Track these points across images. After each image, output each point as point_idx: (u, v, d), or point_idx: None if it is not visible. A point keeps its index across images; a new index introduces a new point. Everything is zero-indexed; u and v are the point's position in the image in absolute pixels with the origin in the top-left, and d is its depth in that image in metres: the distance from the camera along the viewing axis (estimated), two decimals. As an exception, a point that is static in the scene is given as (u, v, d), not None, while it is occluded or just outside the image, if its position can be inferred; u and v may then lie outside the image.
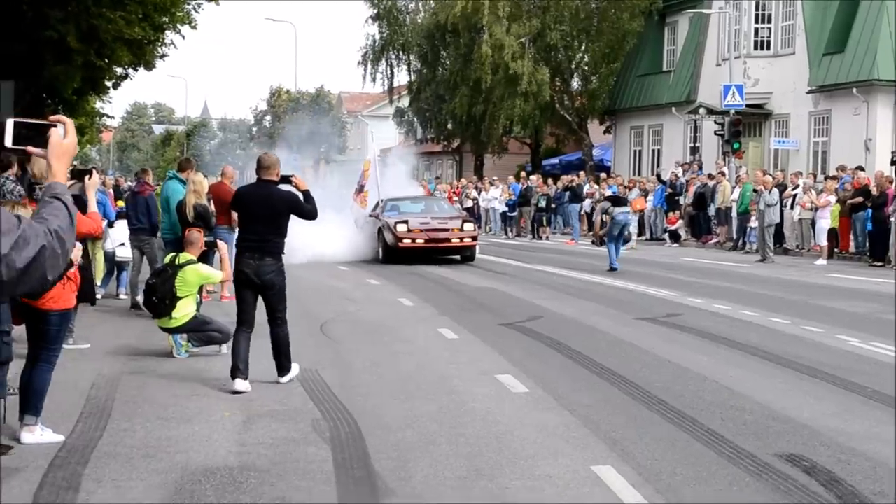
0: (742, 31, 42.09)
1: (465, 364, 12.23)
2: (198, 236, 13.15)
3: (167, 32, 28.41)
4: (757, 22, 42.34)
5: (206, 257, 15.47)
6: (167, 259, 13.28)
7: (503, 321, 15.77)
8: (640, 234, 36.76)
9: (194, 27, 28.32)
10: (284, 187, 11.17)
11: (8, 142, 3.32)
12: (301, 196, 11.12)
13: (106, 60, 26.33)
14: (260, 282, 10.90)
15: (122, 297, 18.60)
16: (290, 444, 8.54)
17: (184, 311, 12.36)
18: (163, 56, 29.89)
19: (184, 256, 12.66)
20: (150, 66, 29.25)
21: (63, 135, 3.33)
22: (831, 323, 15.31)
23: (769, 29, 42.18)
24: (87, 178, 8.89)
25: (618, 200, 26.24)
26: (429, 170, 70.48)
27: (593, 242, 39.45)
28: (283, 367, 11.10)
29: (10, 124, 3.31)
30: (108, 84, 31.33)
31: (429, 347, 13.58)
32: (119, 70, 29.20)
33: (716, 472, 7.57)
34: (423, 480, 7.48)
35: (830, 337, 13.99)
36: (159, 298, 12.28)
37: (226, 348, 12.41)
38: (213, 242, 14.96)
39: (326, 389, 10.72)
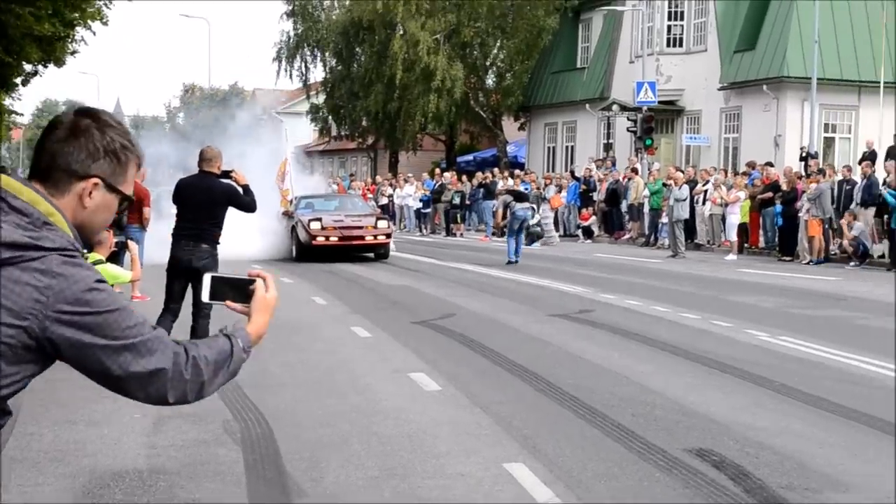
0: (655, 29, 42.53)
1: (377, 362, 12.22)
2: (106, 235, 12.92)
3: (77, 29, 27.99)
4: (670, 19, 42.80)
5: (116, 257, 15.27)
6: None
7: (416, 319, 15.78)
8: (557, 230, 36.96)
9: (105, 23, 27.97)
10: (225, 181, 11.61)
11: (205, 297, 3.24)
12: (241, 190, 11.58)
13: (14, 57, 25.87)
14: (194, 268, 11.12)
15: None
16: (200, 445, 8.46)
17: (92, 312, 12.17)
18: (73, 52, 29.45)
19: (92, 256, 12.42)
20: (60, 62, 28.81)
21: (265, 289, 3.24)
22: (740, 318, 15.52)
23: (681, 26, 42.66)
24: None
25: (520, 196, 26.58)
26: (343, 167, 70.32)
27: (493, 234, 39.86)
28: None
29: (207, 280, 3.24)
30: (17, 81, 30.83)
31: (342, 346, 13.55)
32: (28, 67, 28.73)
33: (626, 468, 7.64)
34: (334, 480, 7.46)
35: (739, 331, 14.18)
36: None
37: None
38: (124, 242, 14.78)
39: (237, 389, 10.61)
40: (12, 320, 2.67)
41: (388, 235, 27.66)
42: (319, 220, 26.95)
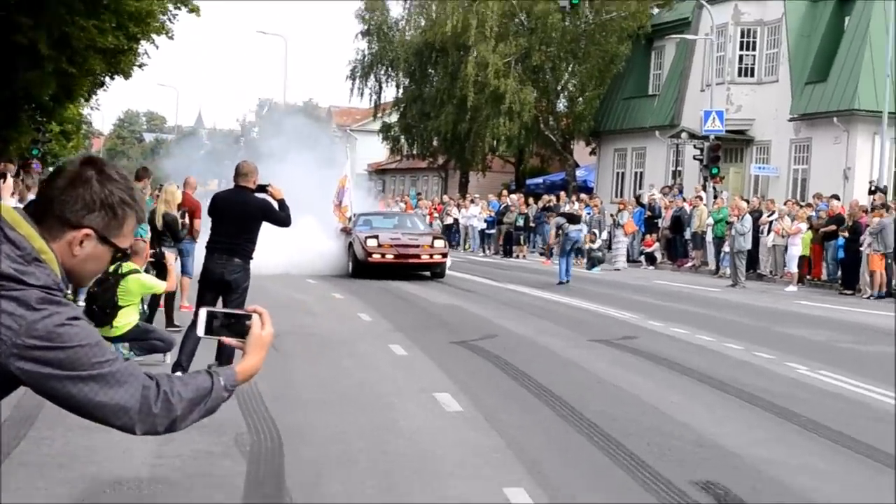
0: (727, 58, 42.16)
1: (405, 381, 12.13)
2: (143, 246, 13.01)
3: (142, 42, 28.31)
4: (741, 49, 42.39)
5: (161, 269, 15.28)
6: (111, 268, 13.16)
7: (456, 339, 15.67)
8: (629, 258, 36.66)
9: (171, 37, 28.27)
10: (260, 196, 11.70)
11: (200, 332, 3.23)
12: (276, 205, 11.63)
13: (78, 68, 26.19)
14: (226, 280, 11.31)
15: (80, 303, 18.47)
16: (207, 456, 8.42)
17: (125, 321, 12.23)
18: (141, 65, 29.83)
19: (127, 266, 12.51)
20: (126, 74, 29.17)
21: (262, 326, 3.20)
22: (785, 350, 15.21)
23: (753, 56, 42.24)
24: (1, 181, 8.79)
25: (572, 218, 26.65)
26: (414, 186, 70.48)
27: (542, 254, 39.77)
28: None
29: (202, 314, 3.21)
30: (85, 91, 31.24)
31: (375, 363, 13.48)
32: (93, 78, 29.07)
33: (626, 497, 7.47)
34: (331, 497, 7.38)
35: (780, 364, 13.89)
36: (100, 307, 12.16)
37: (169, 357, 12.35)
38: (163, 252, 14.84)
39: (260, 402, 10.60)
40: None
41: (445, 255, 27.58)
42: (376, 237, 26.96)
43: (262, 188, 11.74)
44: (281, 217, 11.70)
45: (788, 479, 8.08)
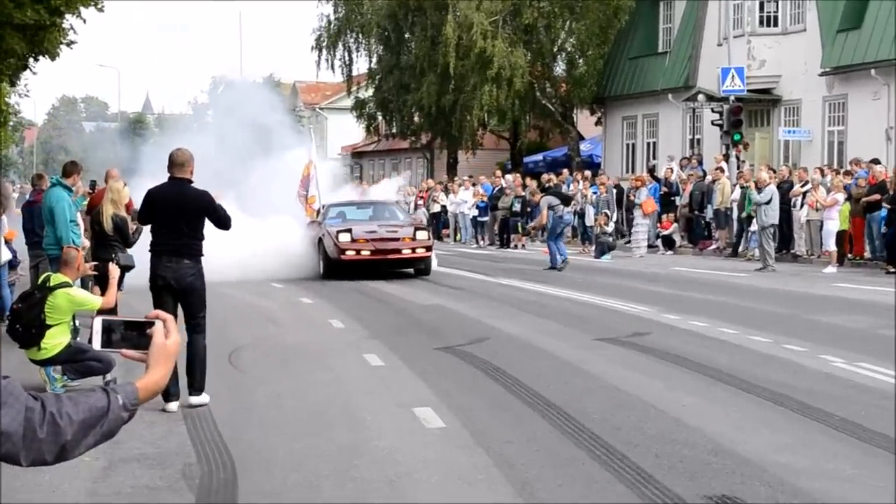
0: (745, 6, 42.19)
1: (382, 395, 12.21)
2: (75, 255, 13.01)
3: (66, 16, 28.22)
4: (762, -6, 42.46)
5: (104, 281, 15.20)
6: (38, 281, 13.20)
7: (441, 344, 15.75)
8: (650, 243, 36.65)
9: (101, 9, 28.18)
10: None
11: (97, 345, 3.22)
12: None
13: (-4, 48, 26.14)
14: (180, 287, 11.56)
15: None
16: (151, 493, 8.49)
17: (55, 341, 12.22)
18: (69, 43, 29.77)
19: (56, 278, 12.52)
20: (52, 55, 29.12)
21: (166, 334, 3.20)
22: (818, 341, 15.29)
23: (776, 2, 42.27)
24: None
25: (567, 199, 26.78)
26: (396, 170, 70.38)
27: (525, 234, 39.98)
28: (196, 384, 11.69)
29: (97, 324, 3.20)
30: (7, 76, 31.17)
31: (347, 376, 13.56)
32: (14, 60, 28.96)
33: (628, 518, 7.55)
34: (290, 533, 7.44)
35: (811, 357, 13.98)
36: (24, 326, 12.17)
37: (109, 377, 12.38)
38: (105, 267, 14.79)
39: (212, 427, 10.68)
40: None
41: (429, 248, 27.60)
42: (349, 231, 26.93)
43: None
44: (221, 217, 11.97)
45: (816, 489, 8.15)
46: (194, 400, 11.63)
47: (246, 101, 35.62)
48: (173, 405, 11.35)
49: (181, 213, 11.65)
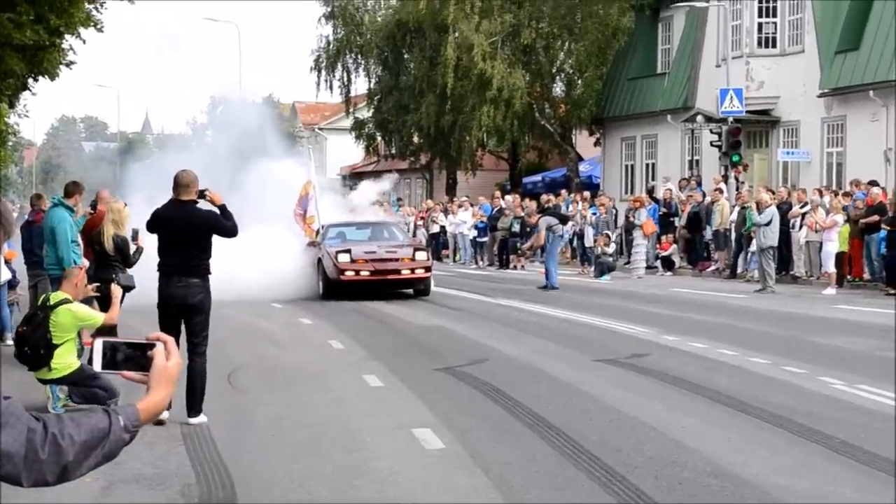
0: (744, 27, 42.27)
1: (381, 416, 12.21)
2: (77, 272, 13.02)
3: (66, 37, 28.26)
4: (760, 16, 42.48)
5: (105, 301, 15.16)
6: (39, 300, 13.19)
7: (440, 365, 15.76)
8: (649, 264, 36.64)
9: (100, 30, 28.27)
10: (203, 205, 12.05)
11: (97, 366, 3.22)
12: (218, 211, 11.95)
13: (-6, 68, 26.14)
14: (190, 304, 11.73)
15: (8, 342, 18.46)
16: (150, 513, 8.49)
17: (65, 361, 12.18)
18: (69, 64, 29.82)
19: (56, 296, 12.52)
20: (52, 75, 29.17)
21: (167, 356, 3.20)
22: (817, 362, 15.31)
23: (774, 24, 42.34)
24: None
25: (565, 218, 26.95)
26: (395, 190, 70.30)
27: (521, 254, 40.02)
28: (196, 405, 11.77)
29: (98, 345, 3.20)
30: (7, 96, 31.21)
31: (346, 397, 13.57)
32: (14, 80, 28.98)
33: (628, 541, 7.55)
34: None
35: (811, 379, 13.99)
36: (32, 349, 12.12)
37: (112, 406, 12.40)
38: (107, 287, 14.78)
39: (211, 447, 10.69)
40: None
41: (428, 269, 27.64)
42: (349, 251, 26.98)
43: (201, 194, 12.02)
44: (228, 227, 12.00)
45: (815, 511, 8.16)
46: (193, 421, 11.68)
47: (244, 120, 35.63)
48: (164, 414, 11.34)
49: (191, 234, 11.80)
